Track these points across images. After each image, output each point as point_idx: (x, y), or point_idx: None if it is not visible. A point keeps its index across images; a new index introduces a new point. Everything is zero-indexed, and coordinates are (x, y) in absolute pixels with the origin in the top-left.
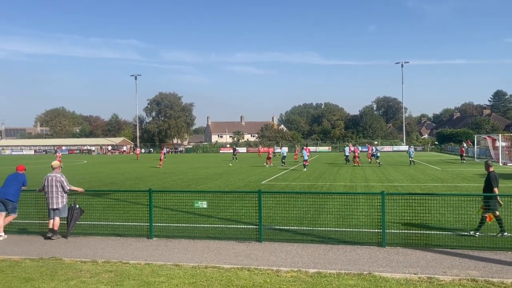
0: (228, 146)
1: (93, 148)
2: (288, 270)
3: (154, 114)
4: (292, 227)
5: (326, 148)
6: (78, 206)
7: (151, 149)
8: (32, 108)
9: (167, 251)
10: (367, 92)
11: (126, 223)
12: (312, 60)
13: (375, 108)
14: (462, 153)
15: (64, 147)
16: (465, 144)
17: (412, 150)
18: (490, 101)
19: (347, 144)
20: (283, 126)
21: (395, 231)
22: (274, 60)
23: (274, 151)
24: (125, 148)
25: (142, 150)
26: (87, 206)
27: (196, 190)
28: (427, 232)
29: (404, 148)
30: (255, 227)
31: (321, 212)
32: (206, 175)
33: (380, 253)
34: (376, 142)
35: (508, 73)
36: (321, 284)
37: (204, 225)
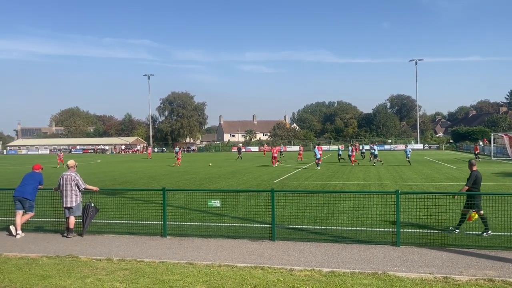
0: (240, 145)
1: (107, 147)
2: (302, 269)
3: (166, 113)
4: (305, 226)
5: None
6: (93, 205)
7: (164, 148)
8: (48, 108)
9: (181, 249)
10: (380, 90)
11: (140, 222)
12: (324, 58)
13: (388, 106)
14: (476, 151)
15: (78, 147)
16: (481, 142)
17: (409, 150)
18: (506, 98)
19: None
20: (295, 125)
21: (410, 230)
22: (285, 58)
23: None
24: (138, 147)
25: (155, 150)
26: (102, 205)
27: (209, 189)
28: (443, 231)
29: (418, 147)
30: (268, 226)
31: (334, 211)
32: (218, 174)
33: (394, 252)
34: (364, 142)
35: None
36: (335, 283)
37: (217, 223)
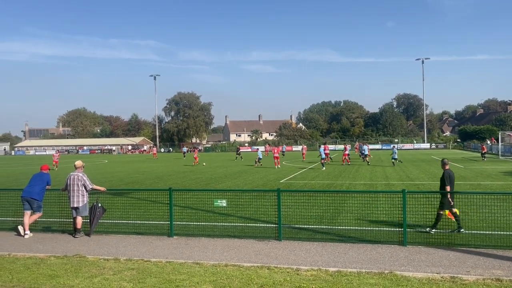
0: (246, 145)
1: (113, 147)
2: (308, 268)
3: (173, 113)
4: (311, 226)
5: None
6: (100, 205)
7: (170, 148)
8: (55, 109)
9: (188, 249)
10: (387, 89)
11: (147, 222)
12: (329, 58)
13: (395, 106)
14: (483, 151)
15: (85, 147)
16: (488, 142)
17: (396, 150)
18: None
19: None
20: (301, 124)
21: (417, 230)
22: (290, 58)
23: (283, 149)
24: (145, 147)
25: (161, 150)
26: (109, 205)
27: (215, 189)
28: (450, 231)
29: (425, 146)
30: (274, 225)
31: (341, 210)
32: (225, 173)
33: (401, 252)
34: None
35: None
36: (341, 283)
37: (223, 223)
